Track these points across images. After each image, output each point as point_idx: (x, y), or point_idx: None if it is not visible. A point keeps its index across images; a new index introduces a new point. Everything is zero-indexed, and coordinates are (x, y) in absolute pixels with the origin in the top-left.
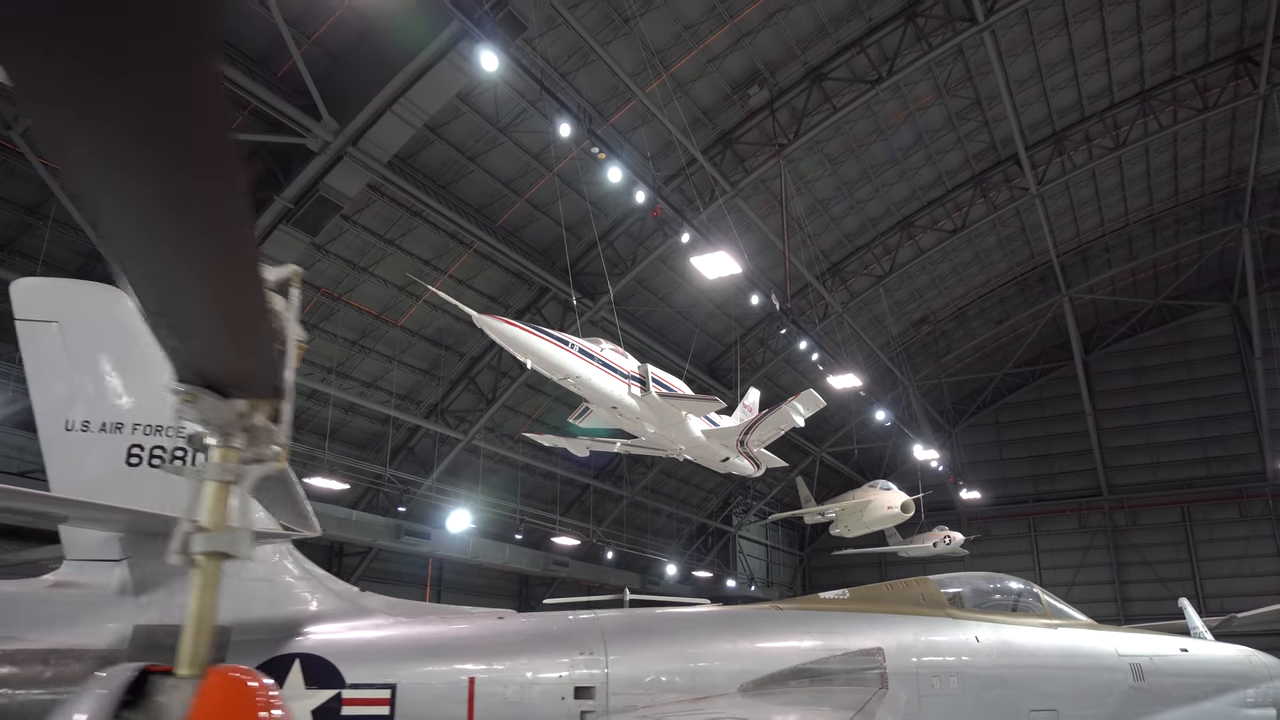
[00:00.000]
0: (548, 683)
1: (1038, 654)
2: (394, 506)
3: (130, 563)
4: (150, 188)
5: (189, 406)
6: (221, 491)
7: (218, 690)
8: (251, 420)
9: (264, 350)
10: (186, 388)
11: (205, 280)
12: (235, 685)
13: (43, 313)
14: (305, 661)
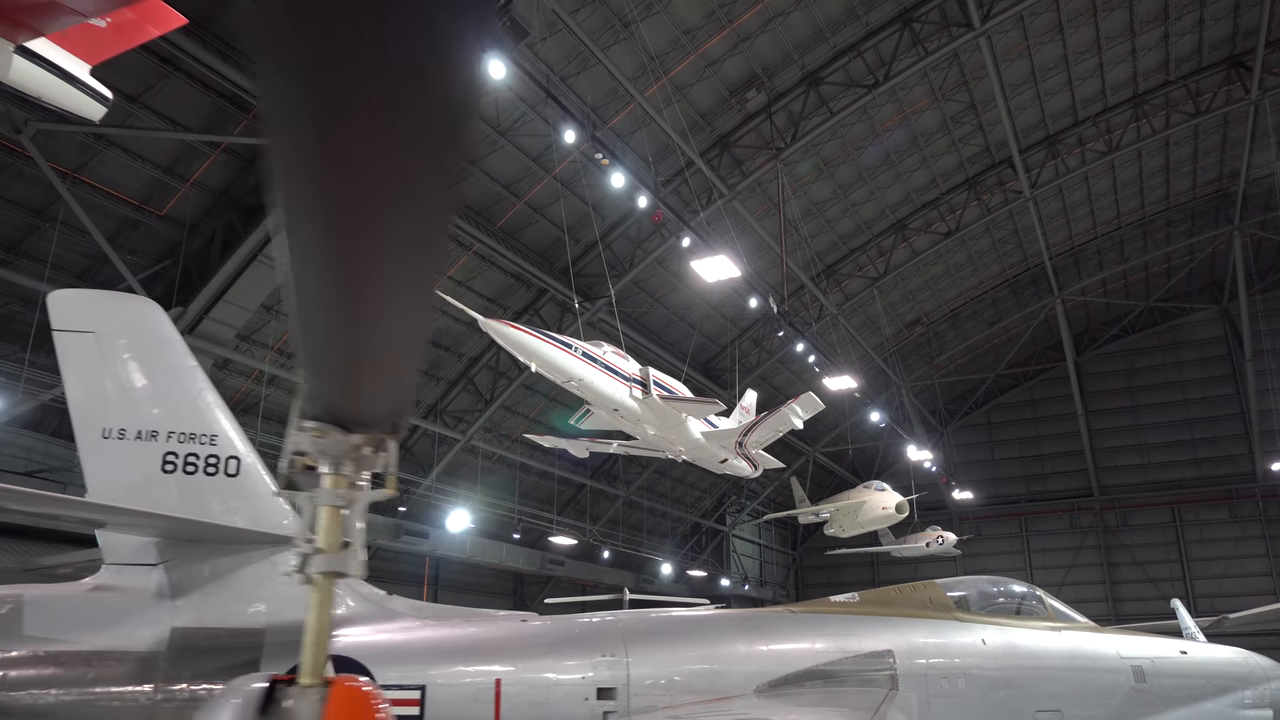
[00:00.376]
0: (571, 684)
1: (1042, 656)
2: (392, 506)
3: (167, 567)
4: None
5: (313, 440)
6: (334, 516)
7: (345, 698)
8: (362, 451)
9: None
10: (316, 425)
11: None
12: (359, 694)
13: (79, 324)
14: (337, 663)
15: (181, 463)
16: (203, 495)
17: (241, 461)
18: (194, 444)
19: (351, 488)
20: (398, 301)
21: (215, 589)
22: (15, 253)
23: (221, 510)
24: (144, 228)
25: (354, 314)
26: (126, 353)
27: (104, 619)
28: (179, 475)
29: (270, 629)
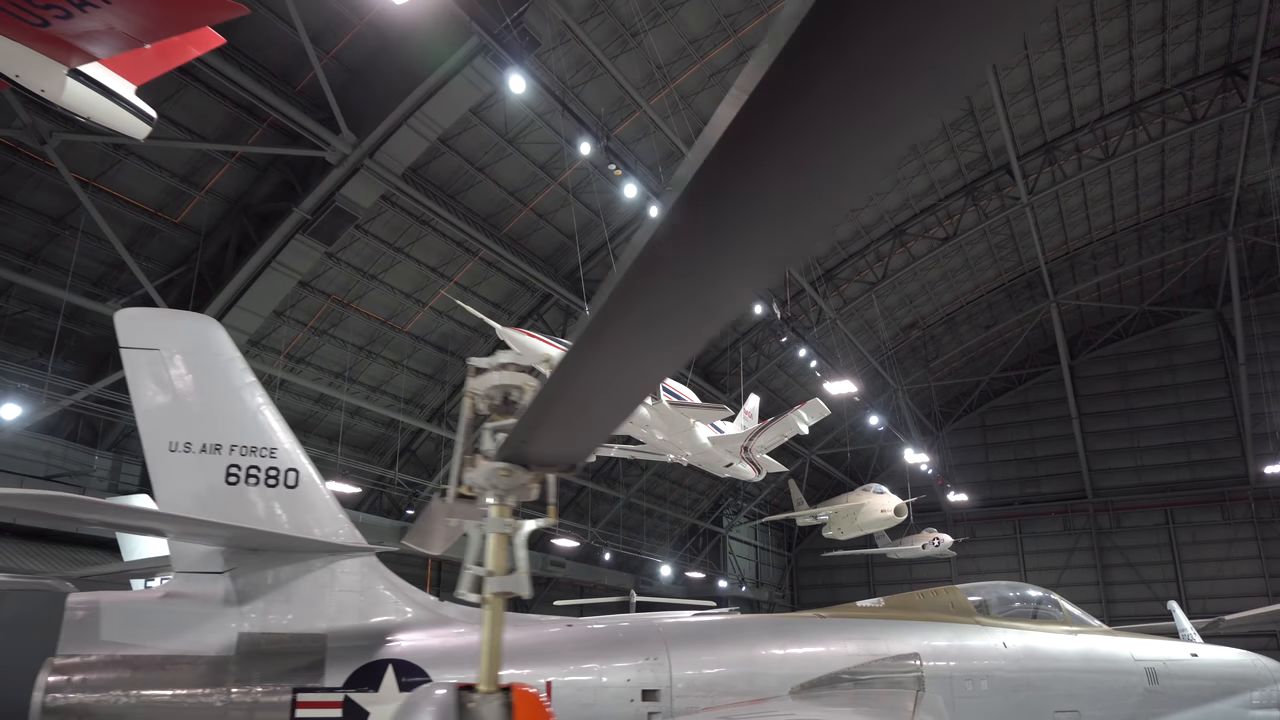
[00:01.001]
0: (618, 686)
1: (1060, 658)
2: (397, 508)
3: (232, 575)
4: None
5: (499, 478)
6: (502, 542)
7: (527, 703)
8: (529, 485)
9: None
10: (507, 465)
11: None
12: (535, 700)
13: (144, 340)
14: (397, 666)
15: (244, 474)
16: (264, 506)
17: (299, 473)
18: (255, 456)
19: (514, 516)
20: (645, 382)
21: (278, 596)
22: (34, 260)
23: (282, 521)
24: (159, 235)
25: (608, 390)
26: (189, 368)
27: (176, 625)
28: (241, 487)
29: (331, 634)
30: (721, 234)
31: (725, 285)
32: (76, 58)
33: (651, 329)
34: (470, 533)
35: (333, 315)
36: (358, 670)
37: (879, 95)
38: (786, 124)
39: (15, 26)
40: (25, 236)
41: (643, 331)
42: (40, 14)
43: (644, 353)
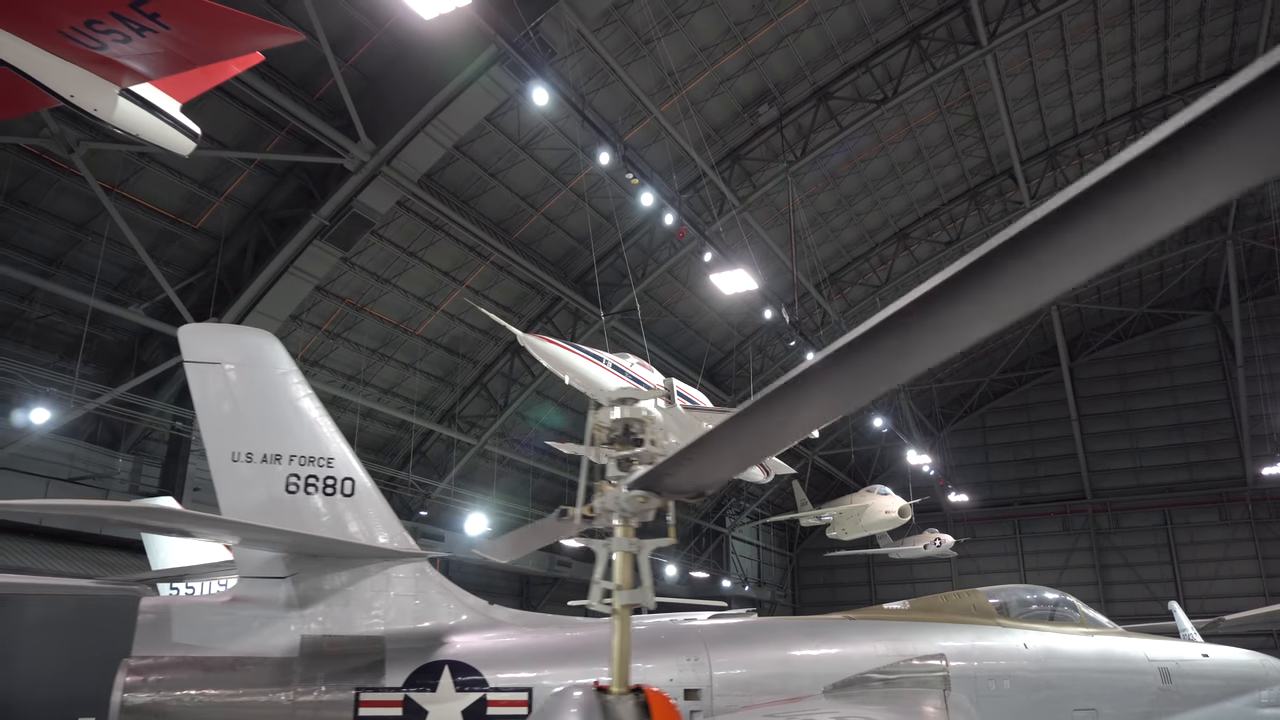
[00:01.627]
0: (661, 685)
1: (1078, 659)
2: (406, 509)
3: (294, 580)
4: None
5: (634, 504)
6: (628, 559)
7: (659, 702)
8: (654, 509)
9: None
10: (644, 493)
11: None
12: (664, 700)
13: (207, 355)
14: (453, 667)
15: (303, 483)
16: (322, 514)
17: (355, 482)
18: (313, 466)
19: (637, 535)
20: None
21: (337, 600)
22: (57, 265)
23: (339, 528)
24: (179, 240)
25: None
26: (249, 381)
27: (242, 627)
28: (300, 495)
29: (388, 636)
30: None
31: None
32: (128, 78)
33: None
34: (598, 550)
35: (347, 319)
36: (416, 671)
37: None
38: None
39: (73, 49)
40: (49, 242)
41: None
42: (99, 38)
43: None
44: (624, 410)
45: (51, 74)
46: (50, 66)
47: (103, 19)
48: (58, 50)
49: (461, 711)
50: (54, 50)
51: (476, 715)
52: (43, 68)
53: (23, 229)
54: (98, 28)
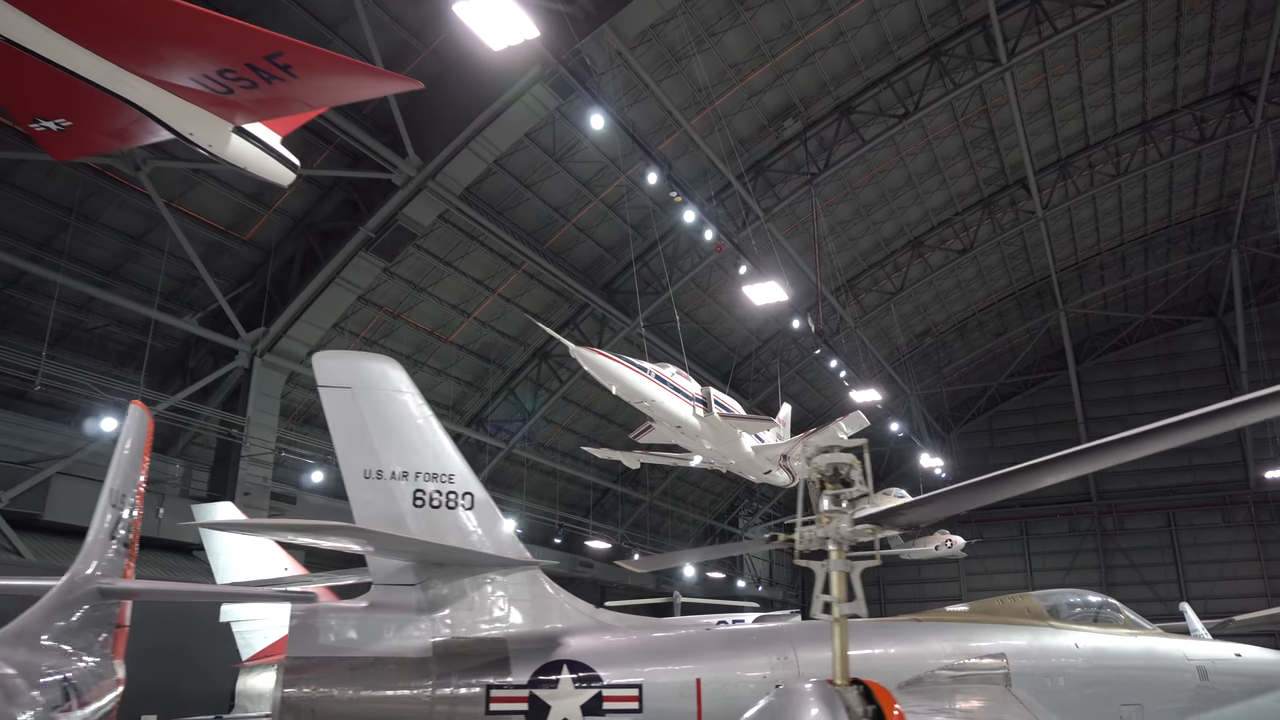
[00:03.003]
0: (756, 681)
1: (1124, 658)
2: None
3: (423, 586)
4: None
5: (855, 533)
6: (843, 578)
7: (879, 693)
8: (871, 538)
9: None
10: (871, 526)
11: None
12: (884, 690)
13: (339, 380)
14: (570, 665)
15: (428, 498)
16: (446, 526)
17: (474, 496)
18: (437, 482)
19: (849, 559)
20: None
21: (462, 605)
22: (114, 276)
23: (461, 539)
24: (229, 251)
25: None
26: (375, 404)
27: (379, 630)
28: (426, 509)
29: (509, 638)
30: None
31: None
32: (242, 116)
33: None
34: (817, 570)
35: (384, 326)
36: (538, 669)
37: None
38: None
39: (200, 94)
40: (106, 254)
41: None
42: (229, 84)
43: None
44: (834, 456)
45: (175, 114)
46: (174, 107)
47: (236, 68)
48: (186, 94)
49: (580, 706)
50: (182, 94)
51: (594, 710)
52: (167, 108)
53: (83, 242)
54: (229, 75)
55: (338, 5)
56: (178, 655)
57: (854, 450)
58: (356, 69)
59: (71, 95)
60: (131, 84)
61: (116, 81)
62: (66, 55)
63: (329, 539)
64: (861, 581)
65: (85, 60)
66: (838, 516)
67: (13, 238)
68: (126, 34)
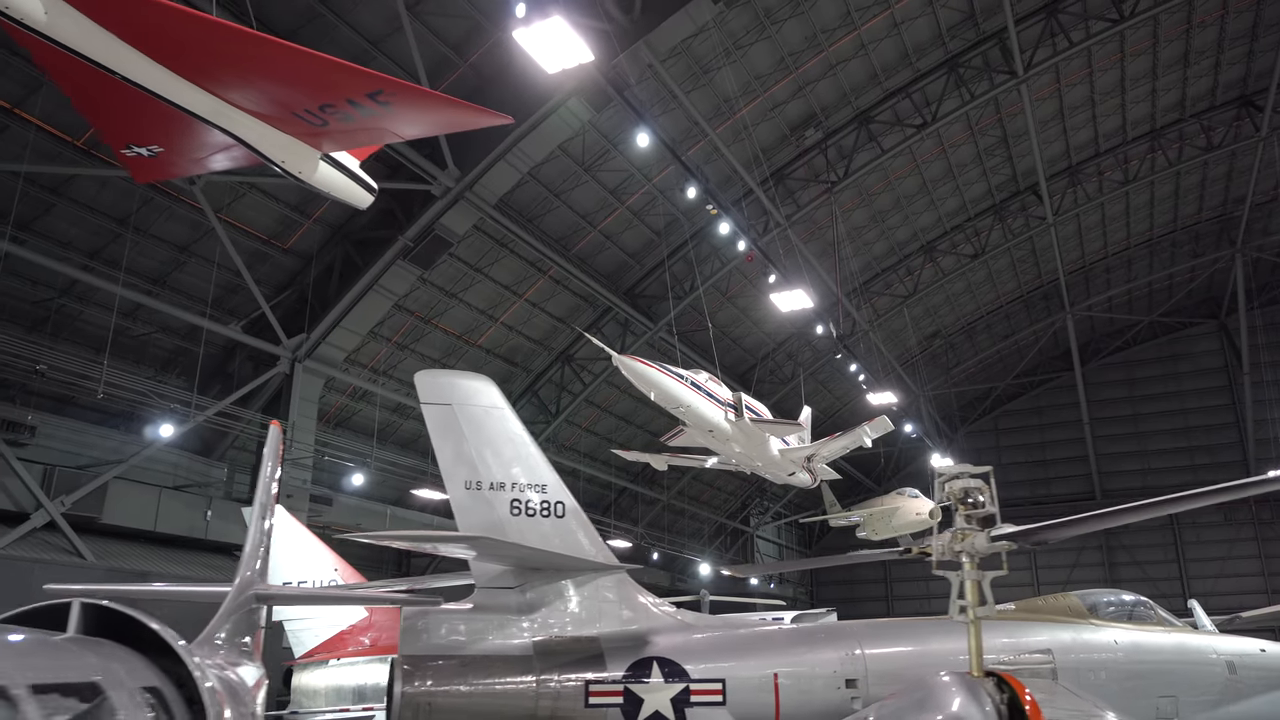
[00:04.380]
0: (826, 676)
1: (1159, 652)
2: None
3: (521, 589)
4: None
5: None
6: (976, 586)
7: (1011, 681)
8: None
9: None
10: (1008, 543)
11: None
12: (1016, 680)
13: (440, 397)
14: (659, 662)
15: (524, 507)
16: (542, 532)
17: (566, 505)
18: (531, 492)
19: (980, 569)
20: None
21: (558, 606)
22: (160, 285)
23: (555, 544)
24: (270, 260)
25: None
26: (474, 419)
27: (484, 630)
28: (523, 518)
29: (601, 637)
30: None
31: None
32: (330, 145)
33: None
34: (952, 579)
35: (415, 331)
36: (631, 665)
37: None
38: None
39: (298, 125)
40: (154, 264)
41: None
42: (326, 118)
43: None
44: (965, 482)
45: (270, 144)
46: (271, 138)
47: (337, 103)
48: (283, 125)
49: (670, 700)
50: (280, 126)
51: (682, 703)
52: (264, 139)
53: (132, 252)
54: (329, 110)
55: (381, 23)
56: None
57: (981, 476)
58: (450, 105)
59: (171, 125)
60: (234, 117)
61: (221, 115)
62: (177, 91)
63: (458, 549)
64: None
65: (194, 96)
66: (973, 533)
67: (64, 247)
68: (238, 73)
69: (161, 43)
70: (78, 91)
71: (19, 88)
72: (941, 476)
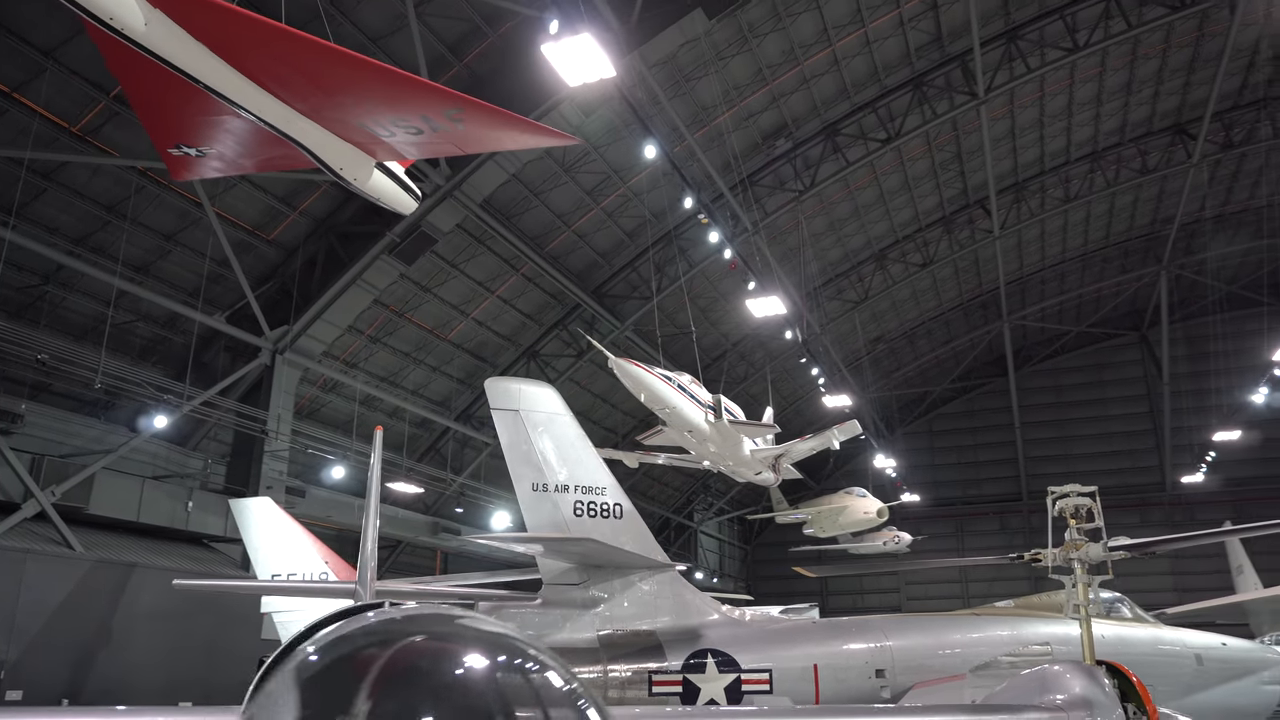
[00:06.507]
0: (859, 666)
1: (1138, 645)
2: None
3: (584, 585)
4: None
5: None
6: (1084, 587)
7: (1120, 668)
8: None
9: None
10: (1125, 552)
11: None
12: (1123, 667)
13: (508, 403)
14: (714, 654)
15: (585, 508)
16: (602, 532)
17: (623, 507)
18: (592, 494)
19: (1089, 572)
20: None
21: (618, 601)
22: (143, 273)
23: (615, 544)
24: (254, 251)
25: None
26: (539, 424)
27: (553, 623)
28: (585, 518)
29: (659, 631)
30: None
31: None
32: (387, 154)
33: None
34: (1066, 582)
35: (389, 325)
36: (688, 657)
37: None
38: None
39: (364, 136)
40: (138, 251)
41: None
42: (394, 130)
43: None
44: (1076, 500)
45: (331, 152)
46: (333, 146)
47: (411, 119)
48: (350, 136)
49: (724, 689)
50: (346, 136)
51: (734, 692)
52: (327, 147)
53: (118, 239)
54: (400, 124)
55: (382, 21)
56: (212, 645)
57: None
58: (521, 125)
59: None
60: (303, 127)
61: (291, 124)
62: (256, 102)
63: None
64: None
65: (271, 106)
66: (1085, 543)
67: (52, 233)
68: (322, 88)
69: (252, 57)
70: (143, 93)
71: (19, 72)
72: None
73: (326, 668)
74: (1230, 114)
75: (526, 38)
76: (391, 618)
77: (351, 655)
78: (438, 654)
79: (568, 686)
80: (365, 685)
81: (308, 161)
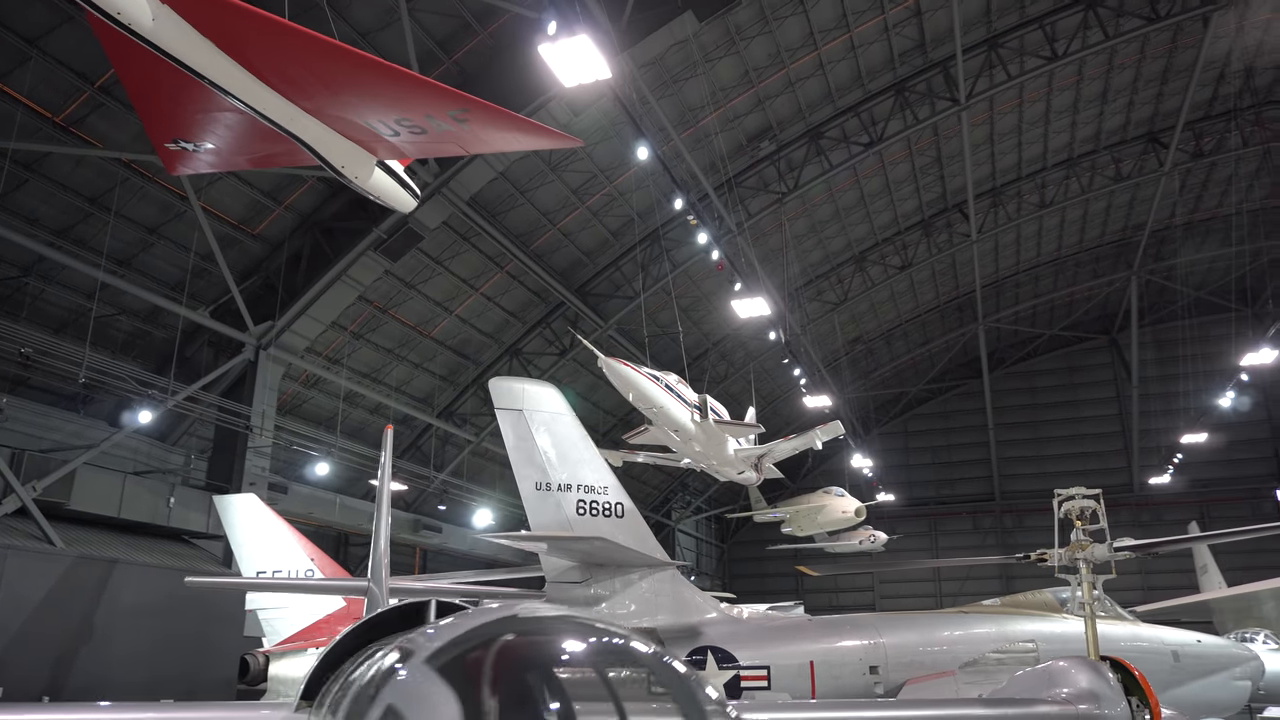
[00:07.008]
0: (853, 663)
1: (1120, 641)
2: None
3: (587, 583)
4: None
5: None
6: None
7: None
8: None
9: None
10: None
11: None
12: (1127, 662)
13: (512, 403)
14: (713, 651)
15: (588, 508)
16: (604, 532)
17: (624, 506)
18: (594, 494)
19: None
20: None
21: (620, 599)
22: (125, 266)
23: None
24: (238, 245)
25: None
26: (542, 424)
27: None
28: (587, 517)
29: (660, 628)
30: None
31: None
32: (388, 152)
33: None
34: (1072, 580)
35: (372, 321)
36: (689, 654)
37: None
38: None
39: (367, 134)
40: (120, 245)
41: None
42: (398, 129)
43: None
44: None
45: (333, 150)
46: (336, 144)
47: (415, 118)
48: (353, 134)
49: (724, 685)
50: (350, 134)
51: (734, 688)
52: (327, 144)
53: (101, 232)
54: (404, 123)
55: (372, 16)
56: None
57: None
58: (526, 126)
59: (234, 126)
60: (307, 124)
61: (295, 122)
62: (260, 99)
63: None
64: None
65: (275, 103)
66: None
67: (32, 224)
68: (329, 87)
69: (259, 53)
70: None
71: (2, 61)
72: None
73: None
74: (1201, 124)
75: (517, 35)
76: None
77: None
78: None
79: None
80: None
81: (306, 158)
